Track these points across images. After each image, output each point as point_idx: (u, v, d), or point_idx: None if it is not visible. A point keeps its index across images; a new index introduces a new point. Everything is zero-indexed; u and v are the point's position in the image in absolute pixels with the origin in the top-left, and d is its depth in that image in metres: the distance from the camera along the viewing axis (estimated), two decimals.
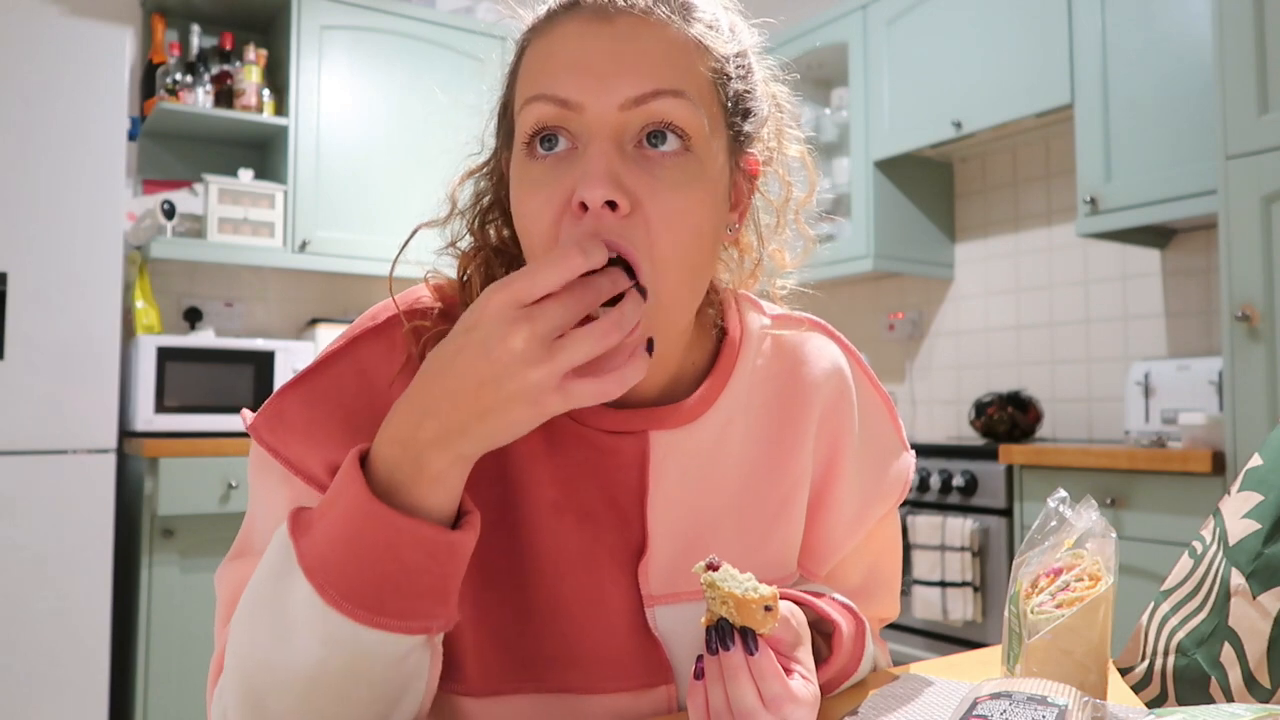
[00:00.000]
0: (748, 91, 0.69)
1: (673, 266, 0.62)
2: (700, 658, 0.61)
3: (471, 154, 0.73)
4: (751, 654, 0.59)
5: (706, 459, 0.72)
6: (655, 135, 0.61)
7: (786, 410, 0.76)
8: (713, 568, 0.60)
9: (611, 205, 0.59)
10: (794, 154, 0.75)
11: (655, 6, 0.63)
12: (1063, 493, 0.72)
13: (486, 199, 0.73)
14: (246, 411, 0.69)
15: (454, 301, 0.71)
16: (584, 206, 0.59)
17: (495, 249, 0.72)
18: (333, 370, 0.66)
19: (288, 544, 0.57)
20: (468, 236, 0.72)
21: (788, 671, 0.62)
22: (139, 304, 3.00)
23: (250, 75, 3.10)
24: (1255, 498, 0.64)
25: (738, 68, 0.67)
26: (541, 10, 0.66)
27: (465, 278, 0.71)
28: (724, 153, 0.66)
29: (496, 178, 0.72)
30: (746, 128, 0.69)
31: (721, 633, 0.59)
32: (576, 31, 0.62)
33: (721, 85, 0.65)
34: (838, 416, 0.78)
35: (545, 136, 0.62)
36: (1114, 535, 0.67)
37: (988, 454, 2.48)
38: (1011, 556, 2.41)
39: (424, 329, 0.68)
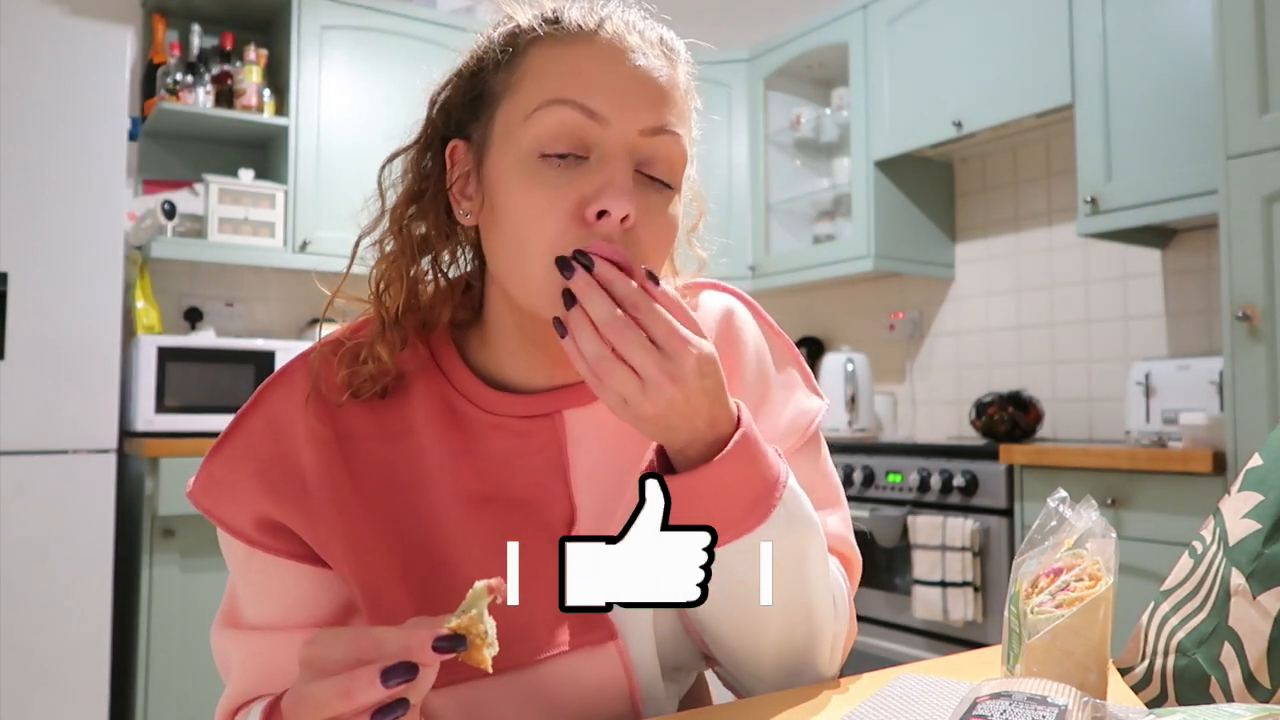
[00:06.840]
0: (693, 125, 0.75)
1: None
2: (565, 292, 0.64)
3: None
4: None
5: (621, 426, 0.73)
6: (657, 180, 0.68)
7: None
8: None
9: (624, 218, 0.65)
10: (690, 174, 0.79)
11: (655, 50, 0.69)
12: (1063, 493, 0.72)
13: (415, 186, 0.76)
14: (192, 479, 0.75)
15: (363, 332, 0.76)
16: (600, 215, 0.64)
17: (419, 244, 0.76)
18: (245, 427, 0.75)
19: None
20: (390, 239, 0.76)
21: None
22: (139, 304, 3.00)
23: (250, 75, 3.10)
24: (1255, 498, 0.64)
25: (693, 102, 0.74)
26: (548, 13, 0.70)
27: (382, 289, 0.76)
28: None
29: (436, 164, 0.75)
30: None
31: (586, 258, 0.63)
32: (599, 53, 0.67)
33: (691, 123, 0.73)
34: (727, 353, 0.80)
35: (562, 153, 0.66)
36: (1114, 535, 0.67)
37: (988, 454, 2.48)
38: (1012, 556, 2.41)
39: (329, 362, 0.75)
